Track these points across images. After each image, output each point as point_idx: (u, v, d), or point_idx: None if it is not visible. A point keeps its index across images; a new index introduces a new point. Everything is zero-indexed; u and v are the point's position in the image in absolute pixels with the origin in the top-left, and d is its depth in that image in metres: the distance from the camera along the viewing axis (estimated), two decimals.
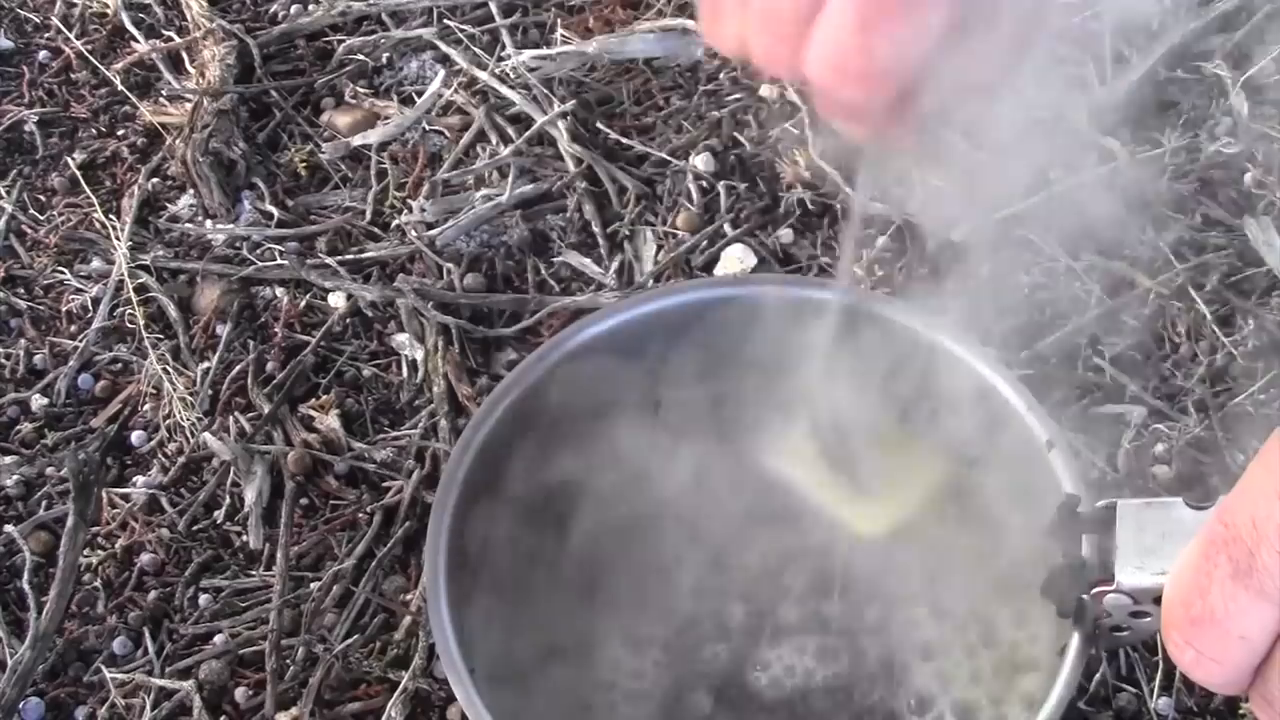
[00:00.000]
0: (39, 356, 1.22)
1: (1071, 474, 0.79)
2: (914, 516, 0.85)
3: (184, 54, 1.44)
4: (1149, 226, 1.24)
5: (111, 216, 1.30)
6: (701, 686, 0.84)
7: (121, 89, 1.41)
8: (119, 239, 1.26)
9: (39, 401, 1.19)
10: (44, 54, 1.46)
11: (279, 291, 1.24)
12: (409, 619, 1.03)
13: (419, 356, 1.17)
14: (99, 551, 1.09)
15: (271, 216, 1.29)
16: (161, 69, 1.43)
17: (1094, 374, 1.14)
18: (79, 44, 1.46)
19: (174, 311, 1.23)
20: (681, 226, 1.25)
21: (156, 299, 1.24)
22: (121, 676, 1.02)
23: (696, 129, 1.33)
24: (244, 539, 1.09)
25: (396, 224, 1.28)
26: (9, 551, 1.10)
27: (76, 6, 1.50)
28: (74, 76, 1.44)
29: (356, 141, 1.34)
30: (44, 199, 1.34)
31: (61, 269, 1.27)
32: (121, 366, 1.21)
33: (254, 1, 1.50)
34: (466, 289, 1.22)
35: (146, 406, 1.17)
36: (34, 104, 1.42)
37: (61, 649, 1.04)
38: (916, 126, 0.64)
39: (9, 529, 1.10)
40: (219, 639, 1.04)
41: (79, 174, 1.34)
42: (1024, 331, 1.16)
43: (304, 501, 1.11)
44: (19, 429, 1.18)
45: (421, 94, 1.38)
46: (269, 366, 1.19)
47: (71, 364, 1.20)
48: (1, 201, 1.33)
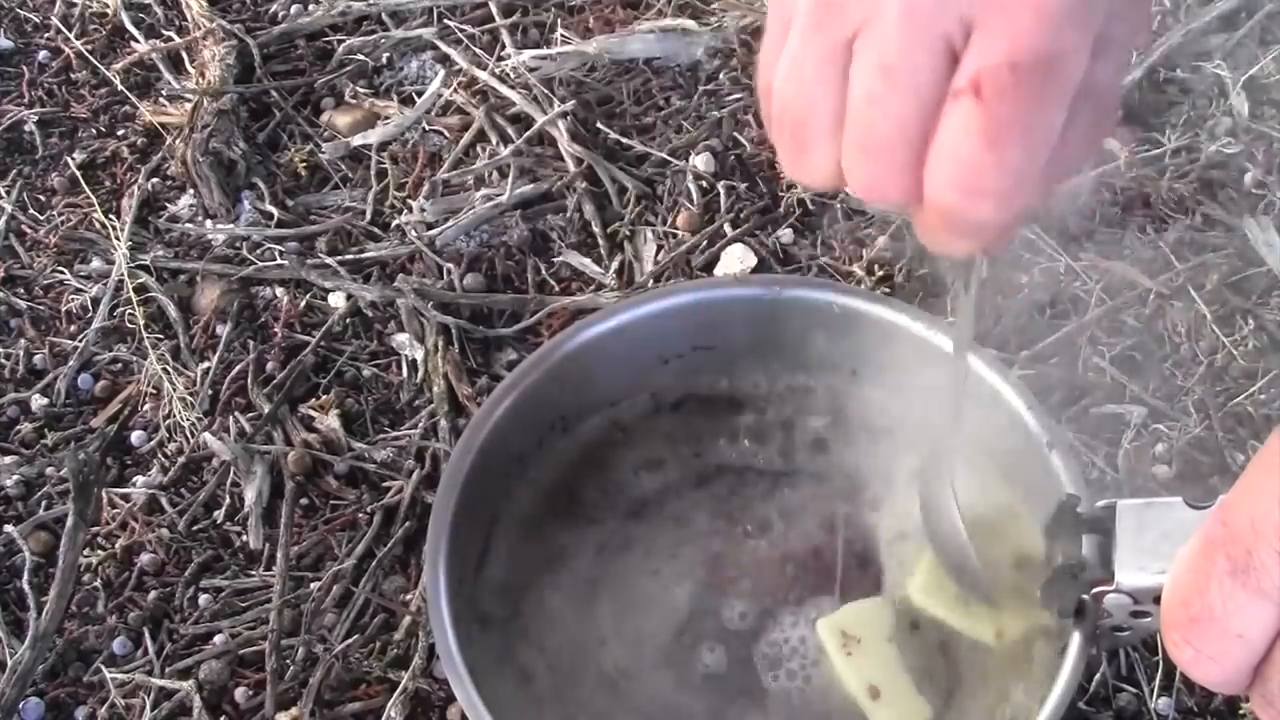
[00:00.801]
0: (39, 356, 1.22)
1: (1071, 474, 0.79)
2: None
3: (184, 54, 1.44)
4: (1149, 226, 1.24)
5: (111, 216, 1.30)
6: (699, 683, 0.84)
7: (121, 89, 1.41)
8: (119, 239, 1.26)
9: (39, 401, 1.19)
10: (44, 54, 1.47)
11: (279, 291, 1.24)
12: (409, 619, 1.03)
13: (419, 356, 1.17)
14: (99, 551, 1.09)
15: (271, 216, 1.29)
16: (161, 69, 1.43)
17: (1094, 374, 1.14)
18: (79, 44, 1.46)
19: (174, 311, 1.23)
20: (681, 226, 1.25)
21: (156, 299, 1.24)
22: (121, 676, 1.02)
23: (696, 129, 1.33)
24: (244, 539, 1.09)
25: (396, 224, 1.28)
26: (9, 551, 1.10)
27: (76, 6, 1.50)
28: (74, 76, 1.45)
29: (356, 141, 1.34)
30: (44, 199, 1.34)
31: (61, 269, 1.28)
32: (121, 366, 1.21)
33: (254, 1, 1.50)
34: (466, 289, 1.22)
35: (146, 406, 1.17)
36: (34, 104, 1.42)
37: (61, 649, 1.04)
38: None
39: (9, 529, 1.10)
40: (219, 639, 1.04)
41: (79, 174, 1.34)
42: (1024, 331, 1.17)
43: (304, 501, 1.11)
44: (19, 429, 1.18)
45: (421, 94, 1.38)
46: (269, 366, 1.19)
47: (71, 364, 1.20)
48: (1, 201, 1.33)
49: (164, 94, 1.41)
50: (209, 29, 1.44)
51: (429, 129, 1.36)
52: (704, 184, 1.28)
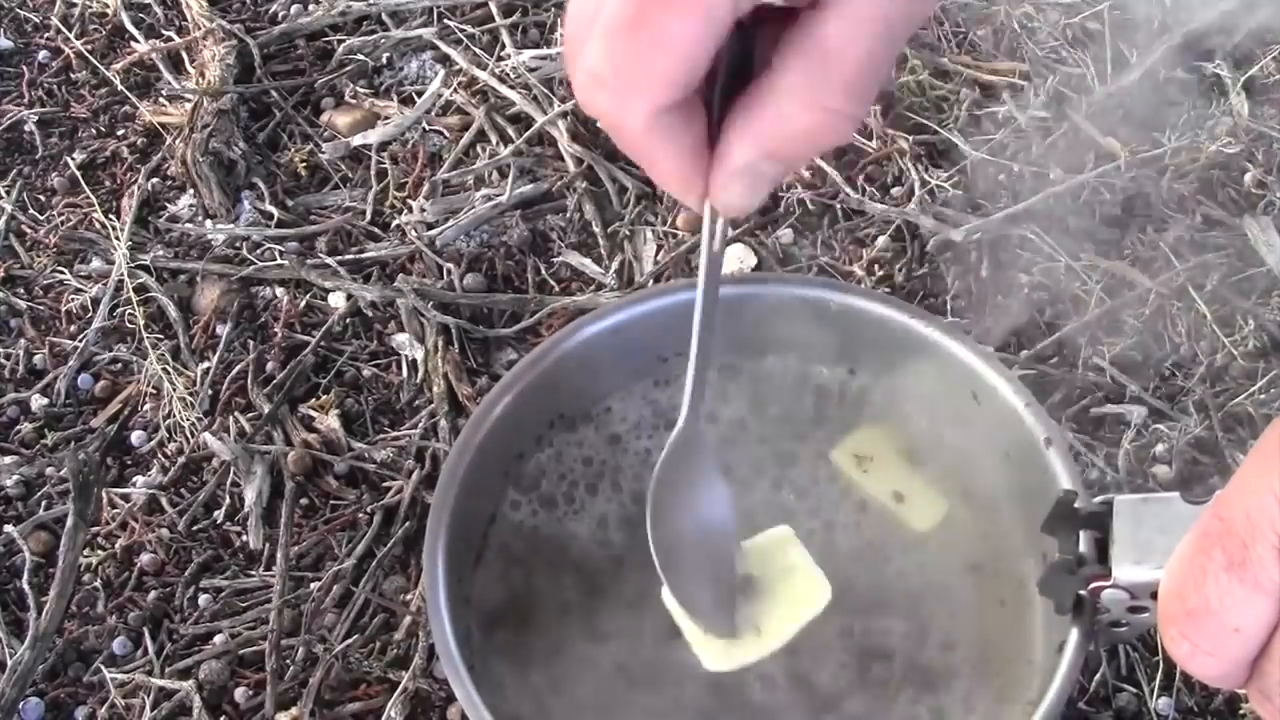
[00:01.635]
0: (39, 356, 1.22)
1: (1068, 470, 0.79)
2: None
3: (184, 54, 1.44)
4: (1149, 226, 1.24)
5: (111, 216, 1.30)
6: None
7: (121, 89, 1.41)
8: (119, 239, 1.27)
9: (39, 401, 1.19)
10: (44, 54, 1.47)
11: (279, 291, 1.24)
12: (409, 619, 1.03)
13: (419, 356, 1.17)
14: (99, 551, 1.09)
15: (271, 216, 1.29)
16: (161, 69, 1.43)
17: (1094, 374, 1.14)
18: (79, 44, 1.46)
19: (174, 311, 1.23)
20: (681, 226, 1.25)
21: (156, 299, 1.24)
22: (121, 676, 1.02)
23: None
24: (244, 539, 1.09)
25: (396, 224, 1.28)
26: (9, 551, 1.10)
27: (76, 6, 1.50)
28: (74, 76, 1.45)
29: (356, 141, 1.35)
30: (44, 199, 1.34)
31: (61, 269, 1.28)
32: (121, 366, 1.21)
33: (254, 1, 1.50)
34: (466, 289, 1.22)
35: (146, 406, 1.17)
36: (34, 104, 1.42)
37: (61, 649, 1.04)
38: None
39: (9, 529, 1.10)
40: (219, 639, 1.04)
41: (79, 174, 1.34)
42: (1024, 331, 1.17)
43: (304, 501, 1.11)
44: (19, 429, 1.18)
45: (421, 94, 1.38)
46: (269, 366, 1.19)
47: (71, 364, 1.20)
48: (1, 201, 1.33)
49: (164, 94, 1.41)
50: (209, 29, 1.44)
51: (429, 129, 1.36)
52: None
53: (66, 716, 1.02)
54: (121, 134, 1.39)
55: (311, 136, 1.37)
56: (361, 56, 1.42)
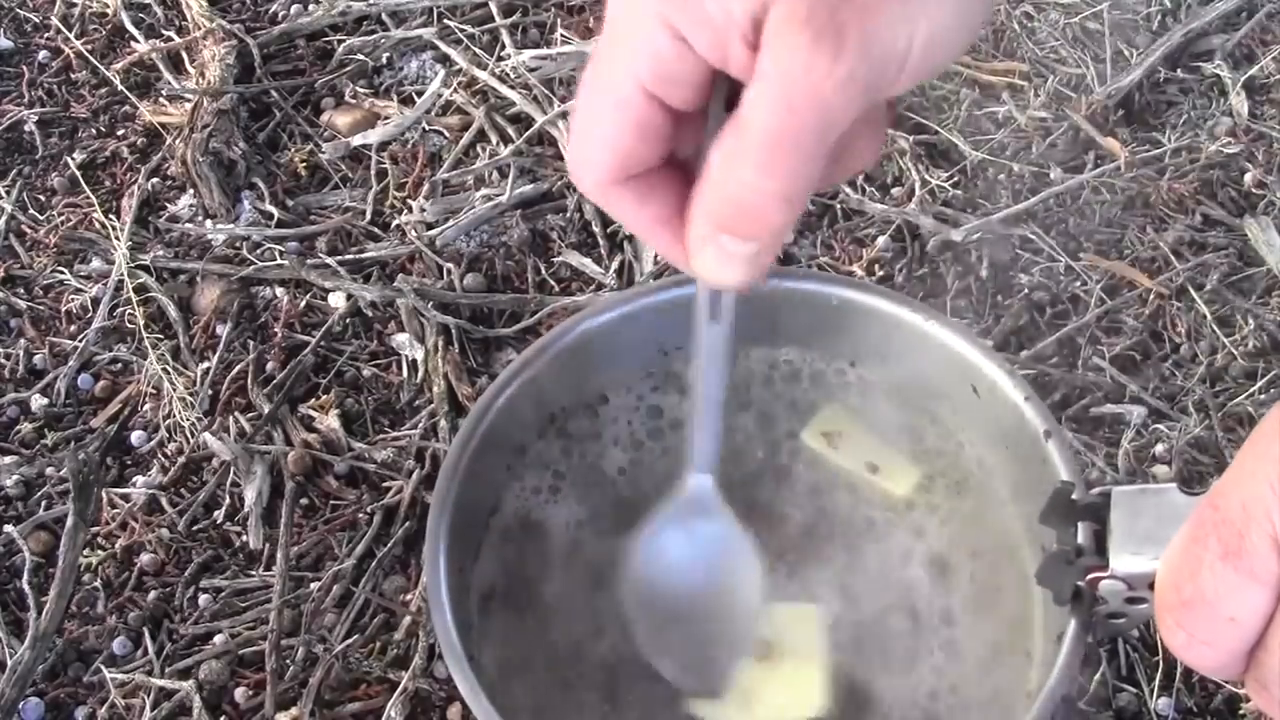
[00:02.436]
0: (39, 356, 1.22)
1: (1068, 462, 0.79)
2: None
3: (184, 54, 1.45)
4: (1149, 226, 1.24)
5: (111, 216, 1.30)
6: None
7: (121, 89, 1.42)
8: (119, 239, 1.27)
9: (39, 401, 1.19)
10: (44, 54, 1.47)
11: (279, 291, 1.24)
12: (409, 619, 1.03)
13: (419, 356, 1.18)
14: (99, 551, 1.09)
15: (271, 216, 1.29)
16: (161, 69, 1.43)
17: (1094, 374, 1.14)
18: (79, 44, 1.46)
19: (174, 311, 1.23)
20: None
21: (156, 299, 1.24)
22: (121, 676, 1.02)
23: None
24: (244, 539, 1.09)
25: (396, 224, 1.28)
26: (9, 551, 1.10)
27: (76, 6, 1.50)
28: (74, 76, 1.45)
29: (356, 141, 1.35)
30: (44, 199, 1.34)
31: (61, 269, 1.28)
32: (121, 366, 1.21)
33: (254, 1, 1.50)
34: (466, 289, 1.22)
35: (146, 406, 1.17)
36: (34, 104, 1.42)
37: (61, 649, 1.04)
38: None
39: (9, 529, 1.10)
40: (219, 639, 1.04)
41: (79, 174, 1.34)
42: (1024, 331, 1.17)
43: (304, 501, 1.11)
44: (19, 429, 1.18)
45: (421, 94, 1.38)
46: (269, 366, 1.19)
47: (71, 364, 1.20)
48: (1, 201, 1.33)
49: (164, 94, 1.41)
50: (209, 29, 1.44)
51: (429, 129, 1.36)
52: None
53: (66, 716, 1.02)
54: (121, 134, 1.39)
55: (311, 136, 1.37)
56: (361, 56, 1.42)
